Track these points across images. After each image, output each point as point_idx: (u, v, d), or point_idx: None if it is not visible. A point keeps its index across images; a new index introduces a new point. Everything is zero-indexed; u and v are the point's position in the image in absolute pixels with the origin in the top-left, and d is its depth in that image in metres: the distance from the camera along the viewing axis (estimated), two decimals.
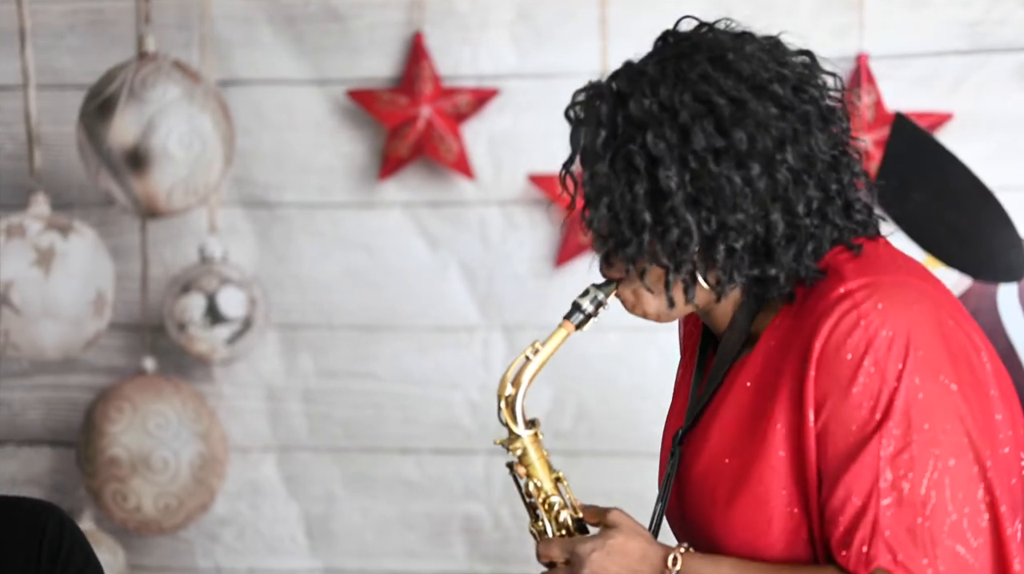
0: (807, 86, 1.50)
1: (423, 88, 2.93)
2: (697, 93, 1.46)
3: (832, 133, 1.50)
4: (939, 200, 2.64)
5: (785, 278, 1.49)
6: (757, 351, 1.51)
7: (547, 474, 1.60)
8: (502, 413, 1.59)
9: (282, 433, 3.09)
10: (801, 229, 1.47)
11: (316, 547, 3.10)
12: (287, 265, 3.05)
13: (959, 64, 2.80)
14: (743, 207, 1.45)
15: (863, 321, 1.43)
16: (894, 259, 1.52)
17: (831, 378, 1.43)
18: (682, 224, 1.46)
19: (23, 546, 1.89)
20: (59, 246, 2.77)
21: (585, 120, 1.50)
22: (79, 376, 3.10)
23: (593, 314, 1.56)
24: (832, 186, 1.49)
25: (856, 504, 1.42)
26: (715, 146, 1.45)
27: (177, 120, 2.75)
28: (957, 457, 1.42)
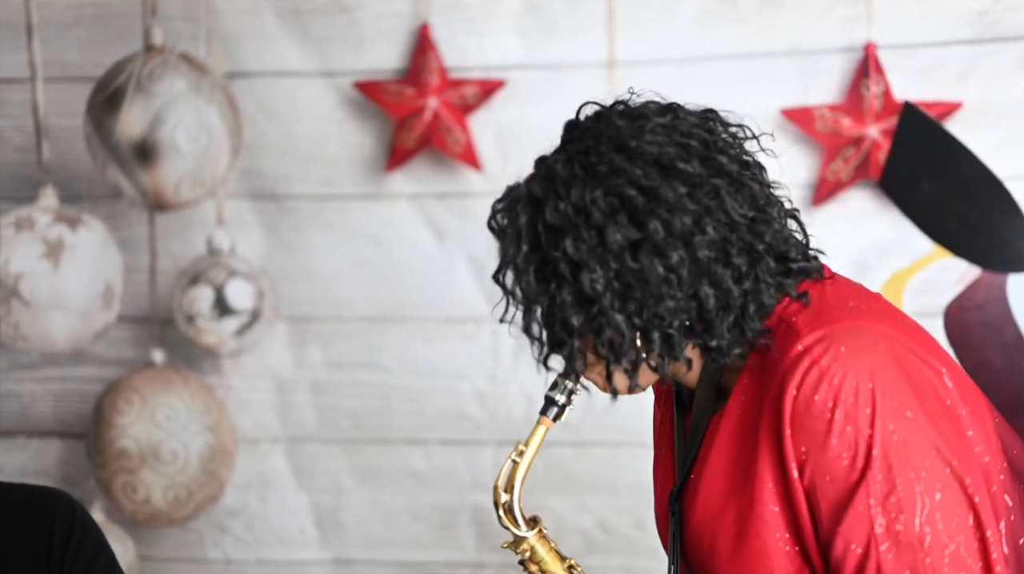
0: (714, 152, 1.50)
1: (430, 79, 2.93)
2: (607, 188, 1.47)
3: (748, 193, 1.51)
4: (948, 190, 2.63)
5: (729, 345, 1.50)
6: (730, 408, 1.53)
7: (559, 566, 1.63)
8: (503, 520, 1.61)
9: (291, 425, 3.10)
10: (734, 298, 1.49)
11: (325, 538, 3.10)
12: (295, 257, 3.06)
13: (968, 53, 2.79)
14: (671, 294, 1.47)
15: (826, 377, 1.45)
16: (842, 301, 1.53)
17: (807, 435, 1.46)
18: (612, 323, 1.48)
19: (33, 533, 1.90)
20: (68, 239, 2.78)
21: (508, 232, 1.53)
22: (88, 368, 3.11)
23: (568, 403, 1.59)
24: (758, 246, 1.50)
25: (858, 553, 1.45)
26: (632, 240, 1.46)
27: (184, 112, 2.75)
28: (942, 489, 1.44)
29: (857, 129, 2.80)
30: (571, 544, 1.68)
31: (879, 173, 2.75)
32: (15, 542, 1.90)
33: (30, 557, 1.90)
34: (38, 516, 1.91)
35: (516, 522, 1.61)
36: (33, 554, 1.90)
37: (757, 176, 1.53)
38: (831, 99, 2.83)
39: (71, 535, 1.90)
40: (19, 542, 1.90)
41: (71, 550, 1.90)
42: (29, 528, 1.90)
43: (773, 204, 1.53)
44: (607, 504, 2.98)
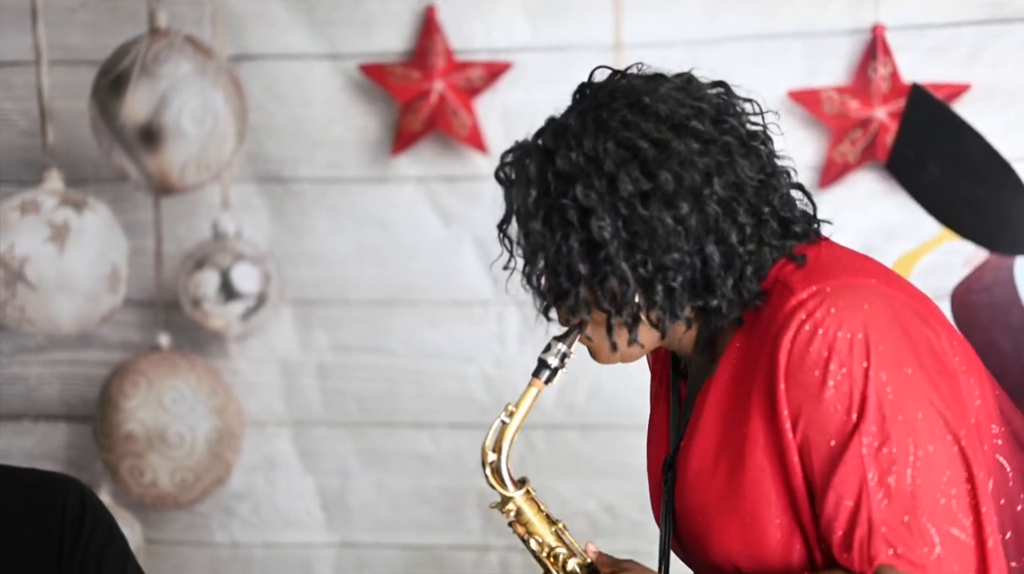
0: (725, 116, 1.52)
1: (436, 62, 2.92)
2: (620, 140, 1.49)
3: (757, 157, 1.52)
4: (956, 172, 2.63)
5: (728, 306, 1.51)
6: (722, 370, 1.54)
7: (547, 527, 1.62)
8: (489, 479, 1.61)
9: (297, 408, 3.10)
10: (738, 257, 1.50)
11: (331, 521, 3.11)
12: (301, 240, 3.05)
13: (976, 34, 2.78)
14: (677, 246, 1.48)
15: (820, 329, 1.46)
16: (838, 261, 1.54)
17: (801, 389, 1.46)
18: (617, 271, 1.49)
19: (44, 521, 1.89)
20: (73, 222, 2.78)
21: (516, 180, 1.53)
22: (94, 351, 3.11)
23: (560, 366, 1.58)
24: (764, 209, 1.52)
25: (849, 506, 1.44)
26: (642, 190, 1.48)
27: (189, 95, 2.75)
28: (935, 442, 1.44)
29: (864, 111, 2.79)
30: (577, 527, 1.67)
31: (886, 155, 2.74)
32: (25, 529, 1.90)
33: (40, 545, 1.89)
34: (48, 504, 1.90)
35: (503, 482, 1.60)
36: (44, 543, 1.89)
37: (766, 144, 1.55)
38: (838, 81, 2.82)
39: (82, 524, 1.90)
40: (29, 530, 1.90)
41: (83, 539, 1.89)
42: (39, 516, 1.90)
43: (780, 173, 1.55)
44: (613, 487, 2.98)
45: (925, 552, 1.42)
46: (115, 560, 1.90)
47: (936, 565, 1.42)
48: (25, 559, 1.88)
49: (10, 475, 1.97)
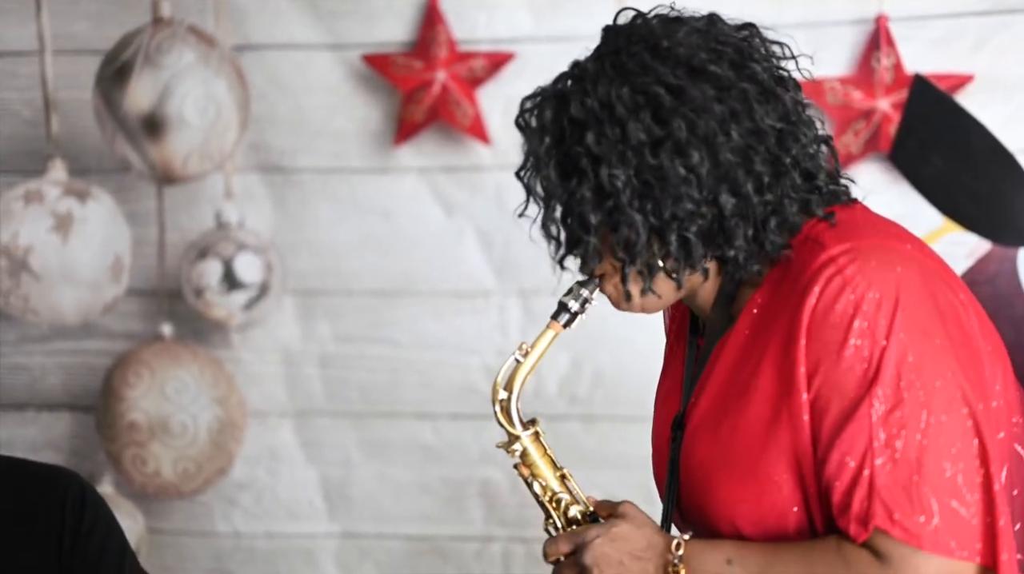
0: (748, 61, 1.49)
1: (438, 52, 2.92)
2: (635, 85, 1.46)
3: (779, 105, 1.49)
4: (959, 163, 2.63)
5: (747, 257, 1.49)
6: (740, 325, 1.51)
7: (552, 471, 1.61)
8: (498, 416, 1.59)
9: (299, 398, 3.10)
10: (753, 206, 1.47)
11: (333, 511, 3.11)
12: (303, 231, 3.05)
13: (979, 25, 2.77)
14: (689, 195, 1.46)
15: (849, 286, 1.43)
16: (873, 223, 1.52)
17: (821, 345, 1.43)
18: (628, 220, 1.46)
19: (44, 514, 1.89)
20: (77, 212, 2.78)
21: (533, 126, 1.52)
22: (97, 341, 3.11)
23: (580, 311, 1.57)
24: (784, 159, 1.48)
25: (851, 467, 1.42)
26: (654, 137, 1.45)
27: (192, 85, 2.75)
28: (949, 412, 1.42)
29: (867, 102, 2.79)
30: None
31: (889, 146, 2.74)
32: (26, 523, 1.90)
33: (41, 540, 1.89)
34: (49, 498, 1.90)
35: (512, 421, 1.59)
36: (45, 537, 1.89)
37: (791, 92, 1.51)
38: (841, 72, 2.82)
39: (82, 519, 1.90)
40: (30, 524, 1.90)
41: (83, 535, 1.90)
42: (40, 510, 1.90)
43: (805, 123, 1.51)
44: (617, 479, 2.97)
45: (922, 521, 1.40)
46: (114, 555, 1.90)
47: (932, 536, 1.40)
48: (26, 553, 1.88)
49: (10, 467, 1.97)
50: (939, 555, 1.40)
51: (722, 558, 1.48)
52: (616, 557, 1.51)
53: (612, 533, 1.52)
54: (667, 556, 1.50)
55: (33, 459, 1.99)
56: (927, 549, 1.40)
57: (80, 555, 1.88)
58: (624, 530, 1.52)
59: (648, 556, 1.51)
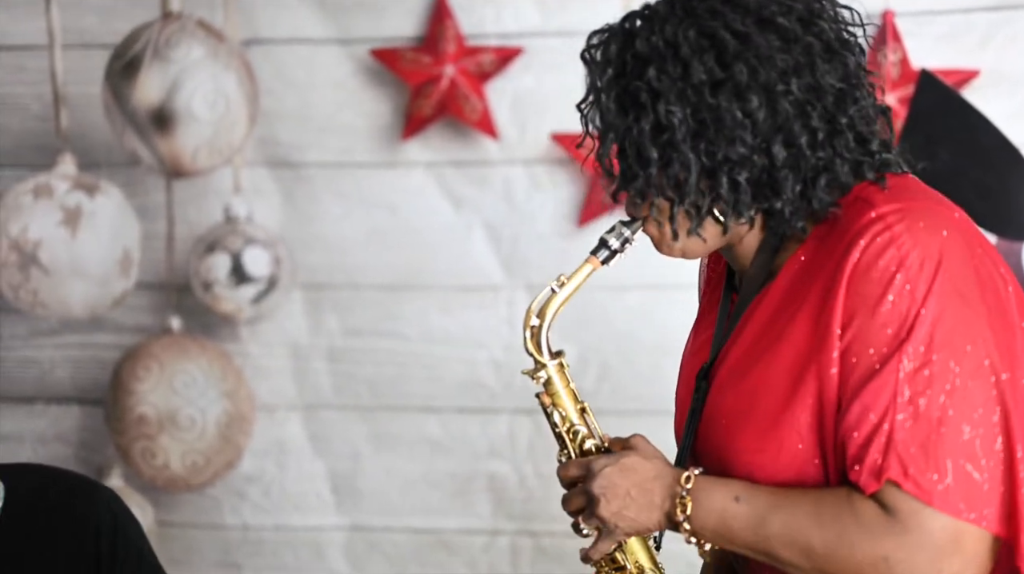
0: (816, 19, 1.50)
1: (447, 47, 2.92)
2: (702, 28, 1.48)
3: (841, 66, 1.50)
4: (965, 157, 2.63)
5: (793, 211, 1.50)
6: (780, 279, 1.52)
7: (572, 404, 1.62)
8: (527, 343, 1.60)
9: (307, 392, 3.11)
10: (805, 160, 1.48)
11: (341, 504, 3.12)
12: (311, 225, 3.06)
13: (986, 21, 2.78)
14: (743, 139, 1.47)
15: (895, 243, 1.44)
16: (924, 191, 1.53)
17: (859, 297, 1.44)
18: (681, 158, 1.48)
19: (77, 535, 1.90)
20: (86, 206, 2.79)
21: (598, 60, 1.53)
22: (106, 335, 3.12)
23: (620, 250, 1.57)
24: (841, 118, 1.49)
25: (872, 420, 1.43)
26: (715, 79, 1.46)
27: (201, 80, 2.75)
28: (976, 378, 1.43)
29: None
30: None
31: (896, 141, 2.74)
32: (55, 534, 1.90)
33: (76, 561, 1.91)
34: (81, 520, 1.91)
35: (540, 349, 1.60)
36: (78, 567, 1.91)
37: (855, 55, 1.52)
38: None
39: (115, 548, 1.91)
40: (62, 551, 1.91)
41: (118, 562, 1.91)
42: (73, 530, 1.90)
43: (864, 88, 1.52)
44: None
45: (934, 479, 1.41)
46: None
47: (942, 496, 1.41)
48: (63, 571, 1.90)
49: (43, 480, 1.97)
50: (946, 514, 1.41)
51: (730, 494, 1.49)
52: (624, 487, 1.52)
53: (621, 463, 1.53)
54: (675, 488, 1.51)
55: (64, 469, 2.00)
56: (936, 506, 1.41)
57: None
58: (633, 461, 1.53)
59: (655, 487, 1.52)
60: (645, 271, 2.94)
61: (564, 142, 2.91)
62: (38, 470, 2.00)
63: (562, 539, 2.94)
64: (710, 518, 1.50)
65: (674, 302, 2.93)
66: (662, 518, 1.52)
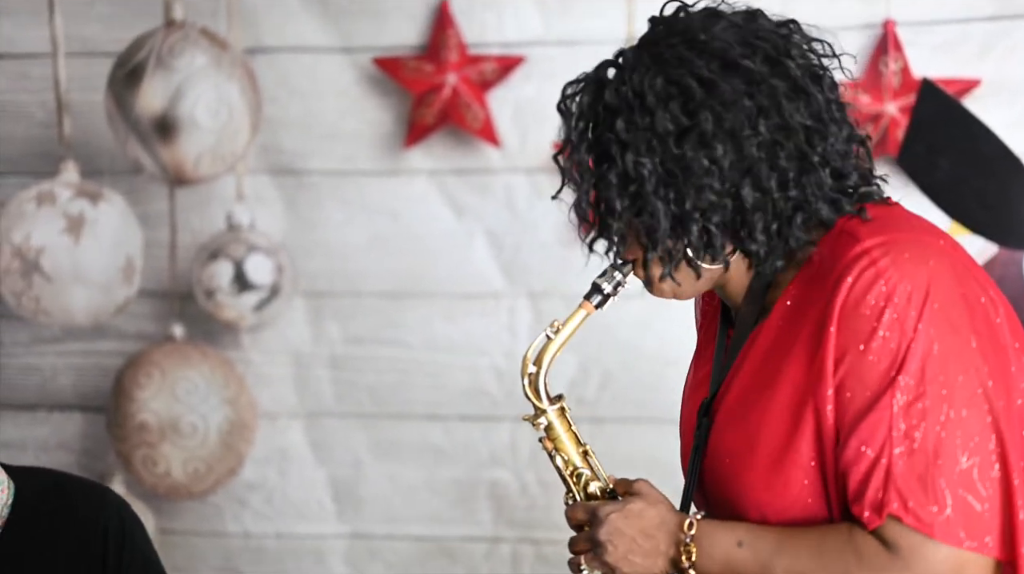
0: (783, 57, 1.50)
1: (449, 55, 2.93)
2: (669, 76, 1.49)
3: (810, 103, 1.50)
4: (966, 167, 2.63)
5: (768, 252, 1.51)
6: (773, 317, 1.53)
7: (575, 447, 1.63)
8: (526, 390, 1.62)
9: (309, 399, 3.12)
10: (775, 202, 1.49)
11: (343, 512, 3.12)
12: (314, 232, 3.07)
13: (986, 30, 2.78)
14: (711, 186, 1.48)
15: (882, 277, 1.45)
16: (908, 220, 1.53)
17: (850, 333, 1.45)
18: (650, 207, 1.49)
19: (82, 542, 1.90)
20: (89, 213, 2.79)
21: (571, 111, 1.54)
22: (109, 342, 3.13)
23: (613, 294, 1.59)
24: (812, 157, 1.50)
25: (870, 455, 1.44)
26: (680, 128, 1.48)
27: (204, 88, 2.76)
28: (969, 407, 1.44)
29: (875, 106, 2.80)
30: None
31: (897, 150, 2.75)
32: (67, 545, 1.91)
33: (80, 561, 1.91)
34: (90, 527, 1.92)
35: (539, 395, 1.62)
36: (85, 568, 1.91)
37: (825, 90, 1.52)
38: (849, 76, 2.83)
39: (121, 554, 1.92)
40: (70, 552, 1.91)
41: (124, 565, 1.92)
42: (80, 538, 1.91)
43: (837, 122, 1.53)
44: None
45: (934, 511, 1.42)
46: None
47: (943, 526, 1.42)
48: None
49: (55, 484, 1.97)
50: (948, 544, 1.42)
51: (733, 540, 1.51)
52: (629, 533, 1.54)
53: (626, 510, 1.55)
54: (679, 534, 1.53)
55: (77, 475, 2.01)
56: (938, 538, 1.42)
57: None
58: (638, 507, 1.55)
59: (660, 534, 1.53)
60: None
61: None
62: (49, 473, 2.01)
63: (563, 547, 2.92)
64: (715, 565, 1.51)
65: (675, 311, 2.92)
66: (667, 564, 1.54)
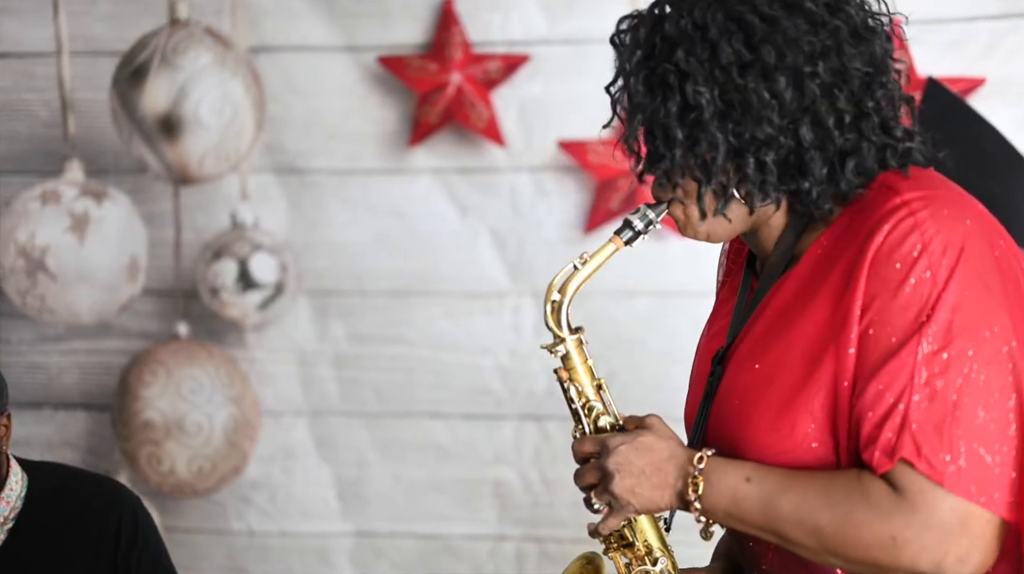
0: (843, 4, 1.52)
1: (453, 54, 2.93)
2: (730, 12, 1.49)
3: (868, 51, 1.52)
4: (970, 165, 2.63)
5: (820, 192, 1.51)
6: (802, 265, 1.54)
7: (589, 380, 1.63)
8: (548, 317, 1.61)
9: (314, 398, 3.12)
10: (832, 142, 1.50)
11: (347, 510, 3.13)
12: (318, 231, 3.07)
13: (991, 29, 2.78)
14: (770, 120, 1.48)
15: (919, 229, 1.46)
16: (946, 182, 1.55)
17: (881, 280, 1.46)
18: (709, 138, 1.49)
19: (96, 531, 1.91)
20: (93, 212, 2.80)
21: (627, 43, 1.55)
22: (113, 341, 3.13)
23: (643, 232, 1.58)
24: (867, 103, 1.51)
25: (889, 400, 1.44)
26: (742, 60, 1.48)
27: (209, 87, 2.76)
28: (993, 364, 1.44)
29: None
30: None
31: None
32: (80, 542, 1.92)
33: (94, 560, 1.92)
34: (104, 522, 1.93)
35: (559, 323, 1.61)
36: (98, 557, 1.91)
37: (882, 42, 1.54)
38: None
39: (133, 547, 1.92)
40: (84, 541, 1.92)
41: (133, 563, 1.92)
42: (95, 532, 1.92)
43: (890, 72, 1.54)
44: None
45: (947, 460, 1.42)
46: None
47: (954, 477, 1.42)
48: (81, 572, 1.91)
49: (69, 479, 1.98)
50: (956, 495, 1.42)
51: (741, 475, 1.50)
52: (638, 465, 1.53)
53: (637, 442, 1.54)
54: (688, 468, 1.52)
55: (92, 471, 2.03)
56: (947, 487, 1.42)
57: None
58: (648, 440, 1.54)
59: (669, 466, 1.53)
60: (653, 278, 2.94)
61: (571, 149, 2.92)
62: (63, 468, 2.03)
63: (567, 545, 2.94)
64: (721, 498, 1.51)
65: (681, 309, 2.94)
66: (674, 497, 1.53)
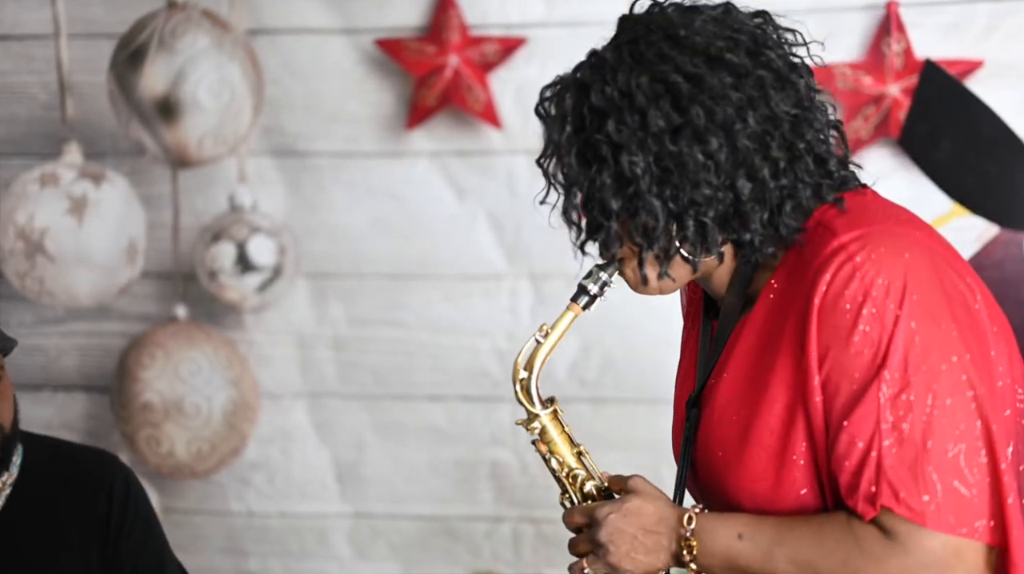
0: (763, 48, 1.52)
1: (451, 37, 2.93)
2: (654, 74, 1.49)
3: (794, 92, 1.52)
4: (968, 148, 2.64)
5: (761, 241, 1.52)
6: (757, 309, 1.55)
7: (569, 449, 1.65)
8: (518, 395, 1.64)
9: (312, 380, 3.13)
10: (769, 191, 1.50)
11: (346, 492, 3.14)
12: (316, 214, 3.07)
13: (989, 11, 2.78)
14: (708, 180, 1.49)
15: (859, 272, 1.46)
16: (883, 209, 1.55)
17: (831, 330, 1.47)
18: (647, 206, 1.50)
19: (89, 504, 1.92)
20: (92, 195, 2.80)
21: (553, 114, 1.54)
22: (112, 323, 3.14)
23: (599, 294, 1.61)
24: (799, 144, 1.51)
25: (860, 448, 1.46)
26: (673, 125, 1.48)
27: (207, 69, 2.76)
28: (954, 395, 1.45)
29: (878, 87, 2.80)
30: None
31: (899, 131, 2.75)
32: (71, 511, 1.93)
33: (86, 527, 1.93)
34: (94, 489, 1.94)
35: (531, 400, 1.63)
36: (88, 529, 1.92)
37: (804, 78, 1.54)
38: (852, 57, 2.83)
39: (124, 516, 1.93)
40: (75, 512, 1.93)
41: (124, 533, 1.93)
42: (87, 499, 1.93)
43: (817, 109, 1.54)
44: (624, 460, 2.98)
45: (925, 500, 1.44)
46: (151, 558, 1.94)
47: (935, 515, 1.44)
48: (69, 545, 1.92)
49: (57, 450, 1.99)
50: (941, 532, 1.44)
51: (733, 533, 1.52)
52: (630, 532, 1.55)
53: (624, 509, 1.56)
54: (679, 530, 1.54)
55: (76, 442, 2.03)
56: (929, 526, 1.44)
57: (122, 549, 1.92)
58: (636, 505, 1.56)
59: (661, 529, 1.55)
60: None
61: None
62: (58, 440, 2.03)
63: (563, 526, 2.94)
64: (716, 558, 1.53)
65: (677, 292, 2.94)
66: (669, 558, 1.55)
